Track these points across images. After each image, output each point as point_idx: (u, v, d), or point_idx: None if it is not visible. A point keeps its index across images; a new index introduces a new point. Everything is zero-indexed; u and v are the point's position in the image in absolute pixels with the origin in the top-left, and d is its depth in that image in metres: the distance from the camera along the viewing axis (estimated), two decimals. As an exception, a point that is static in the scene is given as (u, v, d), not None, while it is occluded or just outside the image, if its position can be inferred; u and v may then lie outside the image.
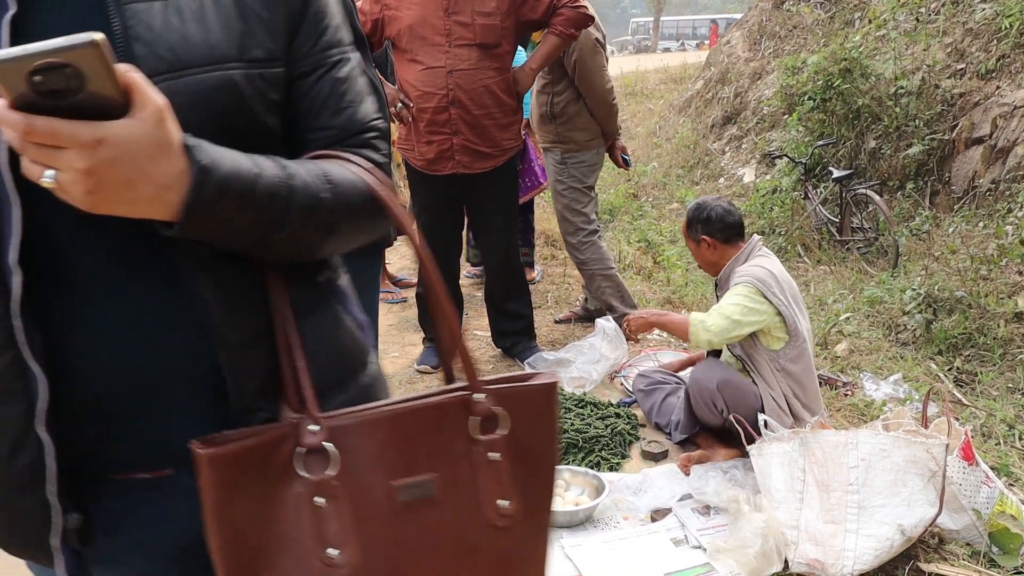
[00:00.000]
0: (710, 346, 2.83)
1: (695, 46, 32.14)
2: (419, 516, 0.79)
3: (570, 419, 3.06)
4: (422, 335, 3.90)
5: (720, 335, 2.70)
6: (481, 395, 0.83)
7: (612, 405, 3.23)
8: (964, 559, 2.25)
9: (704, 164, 9.34)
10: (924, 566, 2.21)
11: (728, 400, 2.68)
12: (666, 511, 2.55)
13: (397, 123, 3.35)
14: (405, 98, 3.23)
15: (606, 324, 3.65)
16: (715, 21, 31.35)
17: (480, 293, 4.52)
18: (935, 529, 2.27)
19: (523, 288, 3.75)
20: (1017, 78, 5.57)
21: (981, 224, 5.07)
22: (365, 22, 3.20)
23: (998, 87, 5.65)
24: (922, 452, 2.19)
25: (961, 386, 3.68)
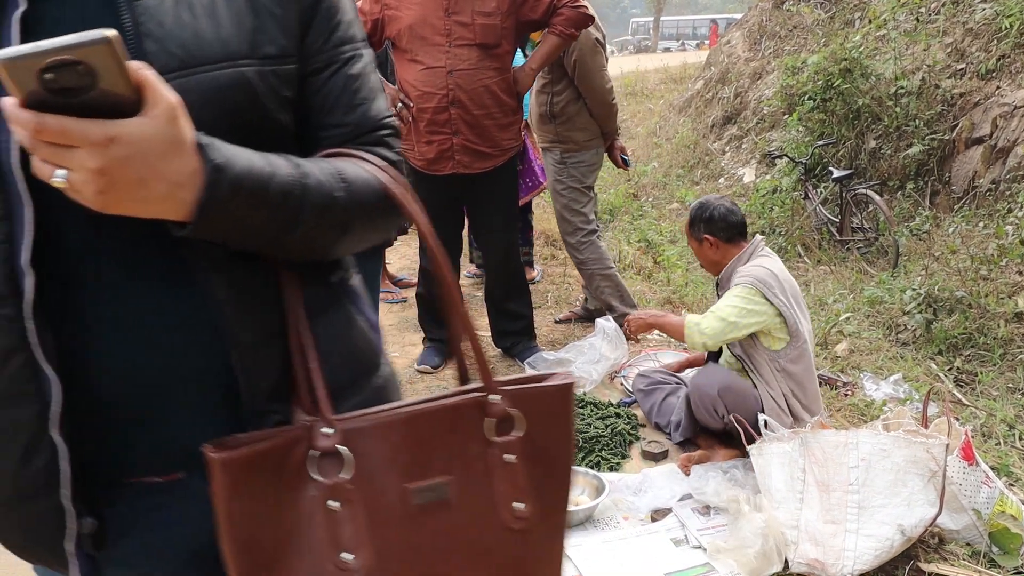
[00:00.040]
0: (705, 348, 2.83)
1: (695, 46, 32.14)
2: (434, 519, 0.78)
3: (570, 419, 3.05)
4: (422, 335, 3.89)
5: (714, 338, 2.70)
6: (497, 396, 0.81)
7: (612, 405, 3.23)
8: (964, 559, 2.25)
9: (704, 164, 9.34)
10: (924, 566, 2.21)
11: (729, 405, 2.67)
12: (666, 511, 2.55)
13: (397, 123, 3.34)
14: (405, 98, 3.23)
15: (606, 324, 3.65)
16: (715, 21, 31.34)
17: (480, 293, 4.52)
18: (935, 529, 2.27)
19: (523, 288, 3.75)
20: (1017, 78, 5.57)
21: (981, 224, 5.07)
22: (365, 22, 3.19)
23: (998, 87, 5.65)
24: (922, 452, 2.19)
25: (961, 386, 3.68)
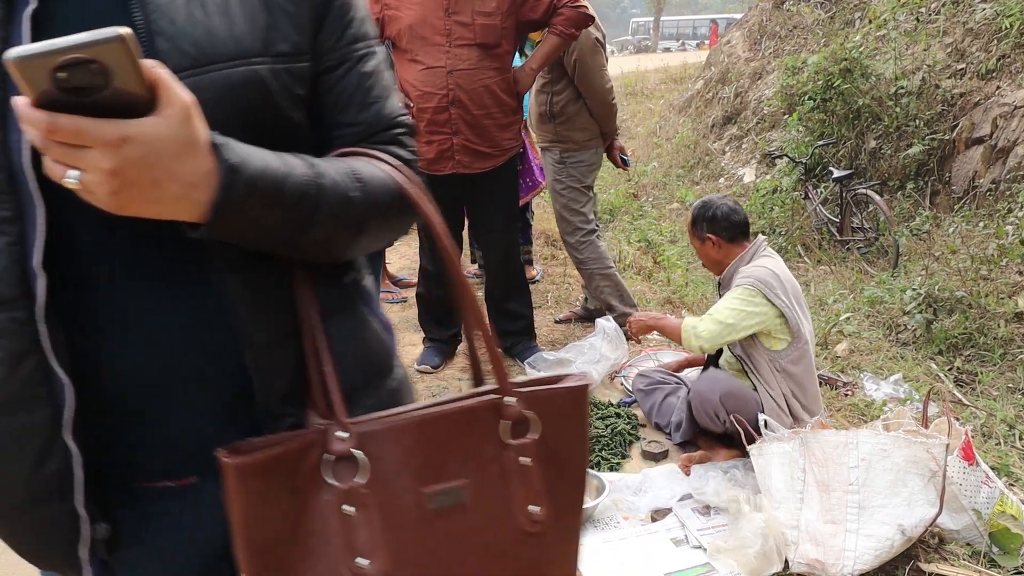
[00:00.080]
0: (702, 352, 2.83)
1: (695, 46, 32.15)
2: (449, 523, 0.77)
3: (570, 419, 3.05)
4: (422, 335, 3.89)
5: (711, 341, 2.70)
6: (512, 399, 0.81)
7: (612, 405, 3.23)
8: (964, 559, 2.24)
9: (704, 164, 9.34)
10: (924, 566, 2.21)
11: (731, 411, 2.67)
12: (666, 511, 2.54)
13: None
14: (405, 98, 3.23)
15: (606, 324, 3.65)
16: (715, 21, 31.35)
17: (480, 293, 4.52)
18: (935, 529, 2.27)
19: (523, 288, 3.75)
20: (1017, 78, 5.57)
21: (981, 224, 5.07)
22: (365, 22, 3.19)
23: (998, 87, 5.65)
24: (922, 452, 2.19)
25: (961, 386, 3.68)
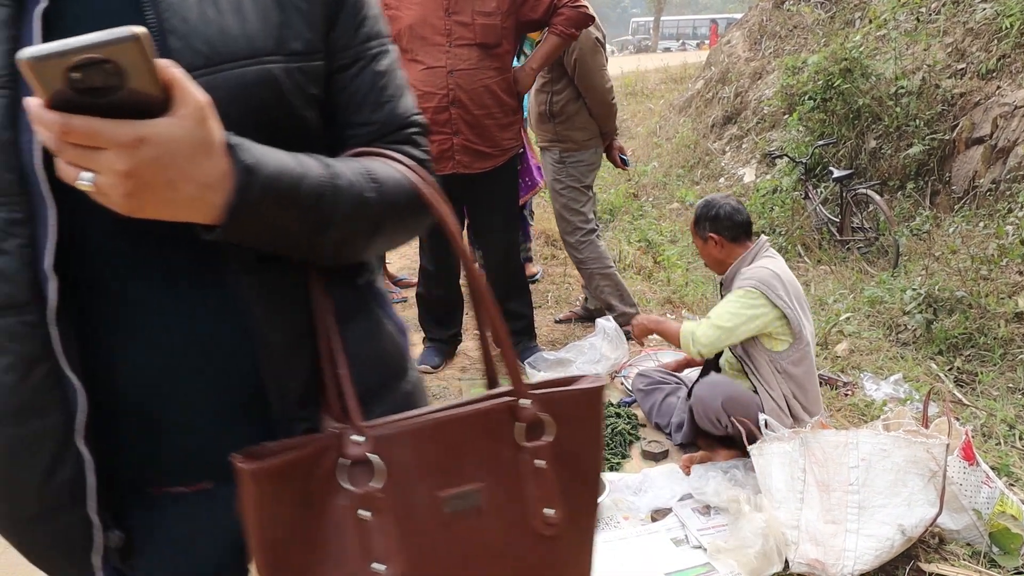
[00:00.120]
0: (701, 357, 2.82)
1: (695, 46, 32.15)
2: (465, 527, 0.76)
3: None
4: (422, 335, 3.89)
5: (709, 347, 2.70)
6: (527, 400, 0.80)
7: (612, 405, 3.23)
8: (964, 559, 2.24)
9: (704, 164, 9.34)
10: (924, 566, 2.21)
11: (732, 416, 2.67)
12: (666, 511, 2.54)
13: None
14: (405, 98, 3.23)
15: (606, 324, 3.65)
16: (715, 21, 31.35)
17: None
18: (935, 529, 2.27)
19: (523, 288, 3.75)
20: (1018, 78, 5.57)
21: (981, 224, 5.07)
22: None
23: (998, 87, 5.65)
24: (922, 452, 2.19)
25: (961, 386, 3.68)
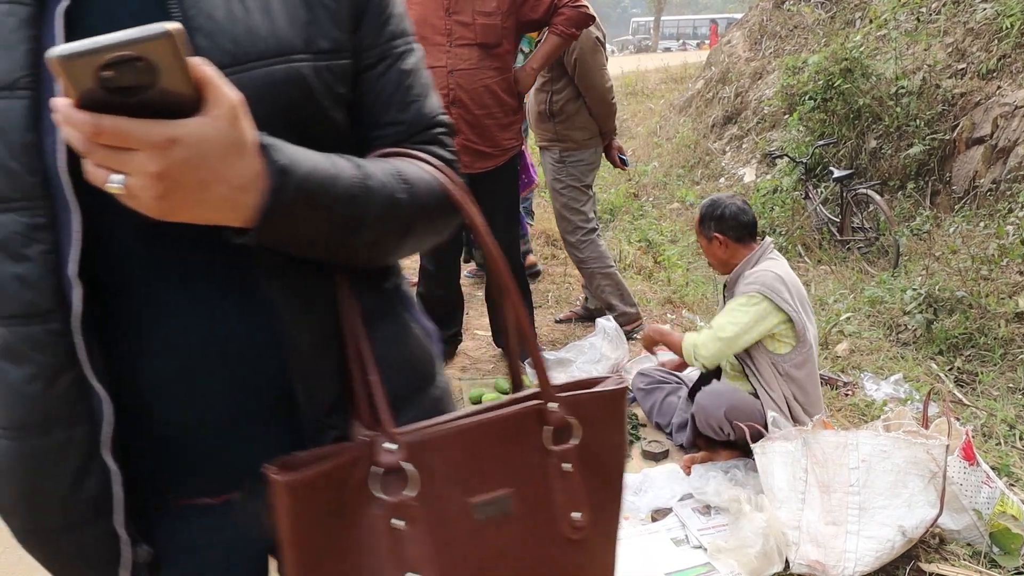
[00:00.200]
0: (704, 369, 2.81)
1: (695, 46, 32.15)
2: (495, 533, 0.76)
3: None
4: (422, 335, 3.89)
5: (712, 360, 2.70)
6: (555, 404, 0.79)
7: (612, 405, 3.22)
8: (965, 559, 2.24)
9: (705, 164, 9.34)
10: (925, 566, 2.21)
11: (735, 424, 2.66)
12: (667, 511, 2.54)
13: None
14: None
15: (606, 324, 3.64)
16: (715, 21, 31.34)
17: (480, 293, 4.52)
18: (936, 530, 2.27)
19: (523, 288, 3.75)
20: (1018, 78, 5.57)
21: (982, 224, 5.07)
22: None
23: (999, 87, 5.65)
24: (922, 453, 2.19)
25: (962, 386, 3.68)
